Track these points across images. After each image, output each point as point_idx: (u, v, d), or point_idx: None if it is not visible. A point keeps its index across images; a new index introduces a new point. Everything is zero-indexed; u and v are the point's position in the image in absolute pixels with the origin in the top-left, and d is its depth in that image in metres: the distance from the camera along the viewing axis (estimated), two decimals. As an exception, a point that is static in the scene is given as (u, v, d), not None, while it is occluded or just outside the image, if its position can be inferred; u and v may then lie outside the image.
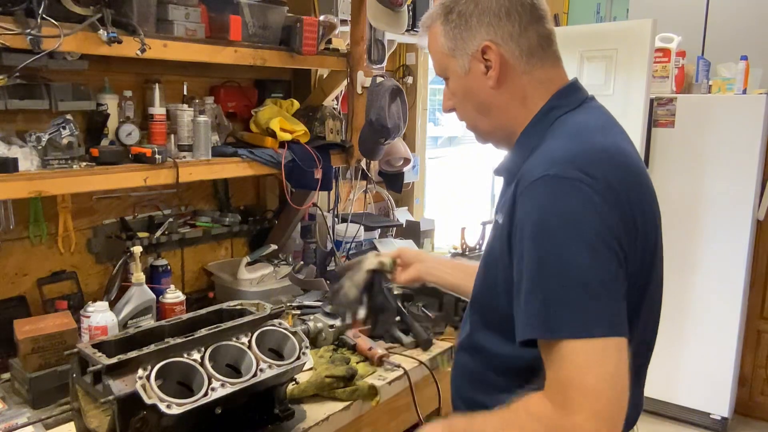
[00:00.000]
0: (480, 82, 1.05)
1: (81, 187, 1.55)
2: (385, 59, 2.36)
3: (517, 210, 0.94)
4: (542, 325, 0.89)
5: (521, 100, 1.05)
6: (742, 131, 3.12)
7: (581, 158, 0.92)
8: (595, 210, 0.88)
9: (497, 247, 1.01)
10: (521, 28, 1.02)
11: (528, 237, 0.91)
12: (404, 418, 1.76)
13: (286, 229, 2.33)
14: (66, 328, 1.46)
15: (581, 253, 0.87)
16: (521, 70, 1.03)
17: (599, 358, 0.85)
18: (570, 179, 0.89)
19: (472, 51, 1.04)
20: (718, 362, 3.29)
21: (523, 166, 0.97)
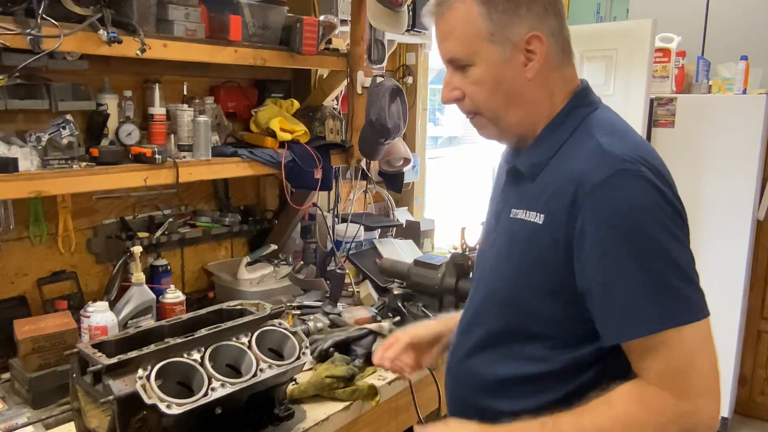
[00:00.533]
0: (517, 73, 1.01)
1: (81, 187, 1.54)
2: (385, 59, 2.36)
3: (584, 209, 0.92)
4: (648, 321, 0.89)
5: (549, 96, 1.03)
6: (742, 131, 3.11)
7: (640, 153, 0.95)
8: (668, 200, 0.92)
9: (539, 248, 0.98)
10: (560, 25, 1.02)
11: (616, 236, 0.90)
12: (404, 418, 1.76)
13: (286, 229, 2.33)
14: (66, 328, 1.46)
15: (671, 242, 0.90)
16: (554, 66, 1.02)
17: (706, 340, 0.91)
18: (642, 174, 0.91)
19: (517, 39, 0.99)
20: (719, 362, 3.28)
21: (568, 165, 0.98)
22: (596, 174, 0.92)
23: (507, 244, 1.06)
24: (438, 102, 3.94)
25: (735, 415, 3.48)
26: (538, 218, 0.99)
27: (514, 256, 1.03)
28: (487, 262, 1.13)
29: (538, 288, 0.99)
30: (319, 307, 2.01)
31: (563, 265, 0.95)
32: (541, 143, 1.04)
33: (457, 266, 1.87)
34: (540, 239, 0.98)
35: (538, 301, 1.00)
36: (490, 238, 1.14)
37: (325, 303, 2.04)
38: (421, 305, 1.95)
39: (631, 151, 0.95)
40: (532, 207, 1.01)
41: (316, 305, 2.03)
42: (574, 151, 0.99)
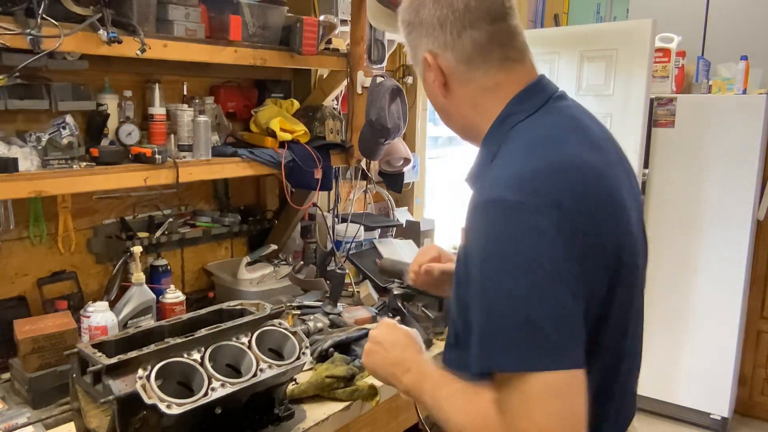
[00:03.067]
0: (434, 89, 1.03)
1: (81, 187, 1.54)
2: (385, 59, 2.36)
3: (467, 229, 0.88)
4: (489, 359, 0.83)
5: (472, 107, 1.01)
6: (742, 131, 3.12)
7: (529, 178, 0.85)
8: (541, 237, 0.81)
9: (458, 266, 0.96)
10: (454, 37, 0.97)
11: (474, 264, 0.85)
12: (404, 418, 1.77)
13: (286, 229, 2.33)
14: (66, 328, 1.46)
15: (525, 283, 0.80)
16: (463, 78, 0.99)
17: (554, 392, 0.79)
18: (515, 204, 0.82)
19: (419, 60, 1.02)
20: (718, 362, 3.29)
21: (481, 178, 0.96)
22: (478, 195, 0.88)
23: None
24: (438, 102, 3.94)
25: (735, 415, 3.48)
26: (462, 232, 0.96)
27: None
28: None
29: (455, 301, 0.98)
30: (319, 307, 2.01)
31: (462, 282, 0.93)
32: (480, 155, 1.01)
33: (457, 266, 1.86)
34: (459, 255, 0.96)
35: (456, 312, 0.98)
36: None
37: (325, 303, 2.04)
38: (421, 305, 1.95)
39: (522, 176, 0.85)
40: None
41: (316, 305, 2.03)
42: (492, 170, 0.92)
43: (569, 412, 0.79)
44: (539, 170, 0.86)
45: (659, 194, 3.35)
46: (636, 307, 0.98)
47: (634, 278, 0.95)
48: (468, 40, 0.96)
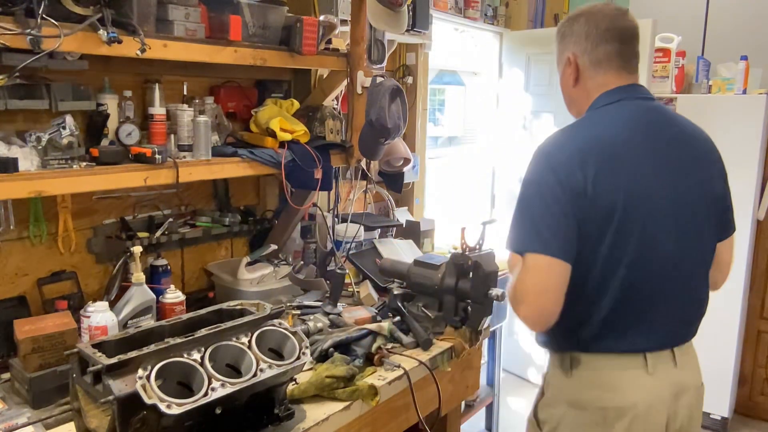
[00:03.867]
0: (568, 80, 1.47)
1: (81, 187, 1.55)
2: (385, 59, 2.36)
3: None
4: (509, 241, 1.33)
5: (587, 96, 1.44)
6: (742, 131, 3.11)
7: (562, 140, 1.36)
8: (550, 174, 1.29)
9: None
10: (593, 46, 1.41)
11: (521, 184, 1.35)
12: (404, 418, 1.77)
13: (286, 229, 2.33)
14: (66, 328, 1.46)
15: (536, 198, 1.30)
16: (589, 75, 1.44)
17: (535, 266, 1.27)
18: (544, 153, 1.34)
19: (564, 59, 1.47)
20: (718, 362, 3.29)
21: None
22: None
23: None
24: (438, 102, 3.94)
25: (735, 415, 3.48)
26: None
27: None
28: None
29: None
30: (319, 307, 2.01)
31: None
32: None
33: (457, 266, 1.86)
34: None
35: None
36: None
37: (325, 303, 2.04)
38: (421, 305, 1.95)
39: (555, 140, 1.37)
40: None
41: (316, 305, 2.03)
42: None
43: (545, 282, 1.27)
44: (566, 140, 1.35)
45: (659, 194, 3.34)
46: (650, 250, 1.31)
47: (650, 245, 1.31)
48: (602, 50, 1.42)
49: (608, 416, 1.32)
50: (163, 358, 1.16)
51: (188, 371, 1.18)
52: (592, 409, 1.33)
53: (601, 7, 1.45)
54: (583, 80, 1.44)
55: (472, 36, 3.70)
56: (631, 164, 1.30)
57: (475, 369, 2.17)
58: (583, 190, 1.25)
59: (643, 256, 1.30)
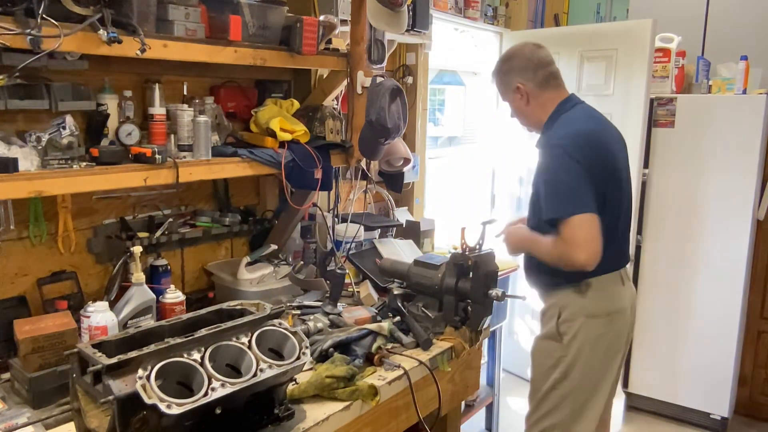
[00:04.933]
0: (521, 104, 1.99)
1: (81, 187, 1.54)
2: (385, 59, 2.36)
3: (538, 159, 1.87)
4: (555, 211, 1.78)
5: (540, 108, 1.97)
6: (742, 131, 3.11)
7: (564, 135, 1.85)
8: (570, 157, 1.78)
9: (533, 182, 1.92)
10: (533, 74, 1.94)
11: (543, 171, 1.85)
12: (404, 418, 1.77)
13: (286, 229, 2.33)
14: (66, 328, 1.46)
15: (566, 178, 1.78)
16: (536, 94, 1.96)
17: (579, 224, 1.74)
18: (560, 146, 1.82)
19: (512, 87, 1.97)
20: (718, 362, 3.29)
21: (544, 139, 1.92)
22: (546, 143, 1.89)
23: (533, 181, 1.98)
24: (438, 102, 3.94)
25: (735, 415, 3.48)
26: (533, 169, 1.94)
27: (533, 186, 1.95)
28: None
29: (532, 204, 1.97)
30: (319, 307, 2.01)
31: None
32: (542, 132, 1.98)
33: (457, 266, 1.86)
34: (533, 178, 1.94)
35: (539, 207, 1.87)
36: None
37: (325, 303, 2.04)
38: (421, 305, 1.95)
39: (561, 134, 1.86)
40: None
41: (316, 305, 2.03)
42: (550, 133, 1.92)
43: (590, 234, 1.74)
44: (569, 132, 1.86)
45: (659, 194, 3.35)
46: (625, 204, 1.96)
47: (619, 193, 1.92)
48: (541, 75, 1.94)
49: (612, 318, 1.91)
50: (163, 358, 1.16)
51: (188, 371, 1.18)
52: (602, 316, 1.90)
53: (521, 47, 1.98)
54: (534, 99, 1.95)
55: (472, 36, 3.70)
56: (607, 145, 1.89)
57: (475, 369, 2.17)
58: (589, 166, 1.78)
59: (621, 205, 1.92)
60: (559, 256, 1.79)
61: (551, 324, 1.96)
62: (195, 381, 1.17)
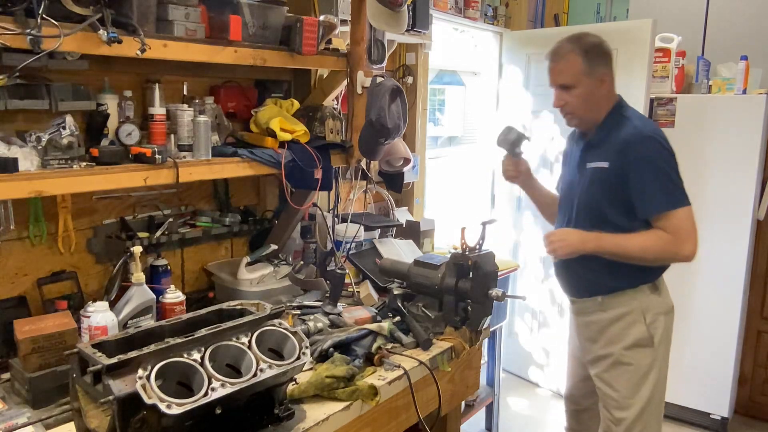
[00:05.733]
0: (599, 91, 1.92)
1: (81, 187, 1.54)
2: (385, 59, 2.36)
3: (631, 153, 1.84)
4: (664, 204, 1.81)
5: (606, 103, 1.95)
6: (742, 131, 3.12)
7: (654, 128, 1.91)
8: (666, 149, 1.85)
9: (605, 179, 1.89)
10: (611, 67, 1.94)
11: (648, 163, 1.82)
12: (404, 418, 1.77)
13: (286, 229, 2.33)
14: (66, 328, 1.46)
15: (668, 169, 1.83)
16: (611, 89, 1.95)
17: (688, 216, 1.81)
18: (655, 137, 1.86)
19: (599, 75, 1.90)
20: (718, 362, 3.28)
21: (620, 134, 1.88)
22: (637, 136, 1.86)
23: (589, 181, 1.94)
24: (438, 102, 3.94)
25: (735, 415, 3.48)
26: (604, 164, 1.89)
27: (594, 186, 1.92)
28: (575, 190, 2.00)
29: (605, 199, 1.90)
30: (319, 307, 2.02)
31: (617, 185, 1.87)
32: (601, 129, 1.95)
33: (457, 266, 1.86)
34: (606, 174, 1.89)
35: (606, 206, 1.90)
36: (573, 180, 2.03)
37: (325, 303, 2.04)
38: (421, 305, 1.95)
39: (651, 128, 1.90)
40: (600, 160, 1.91)
41: (316, 305, 2.03)
42: (620, 131, 1.89)
43: (694, 225, 1.81)
44: (653, 126, 1.95)
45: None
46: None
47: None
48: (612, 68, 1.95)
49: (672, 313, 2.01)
50: (163, 358, 1.16)
51: (188, 371, 1.18)
52: (671, 311, 2.00)
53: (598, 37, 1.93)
54: (608, 92, 1.94)
55: (472, 36, 3.70)
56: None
57: (475, 369, 2.17)
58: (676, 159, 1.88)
59: None
60: (662, 250, 1.81)
61: (638, 330, 1.94)
62: (195, 381, 1.17)
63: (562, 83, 1.92)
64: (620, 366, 1.96)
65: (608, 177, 1.88)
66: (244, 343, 1.28)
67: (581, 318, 2.06)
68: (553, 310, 3.71)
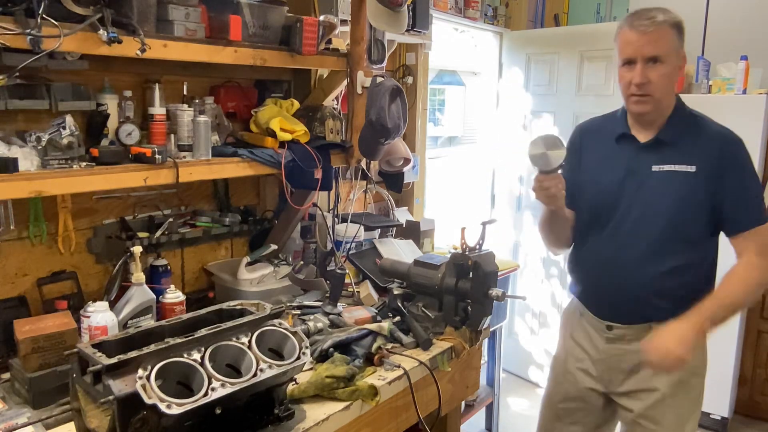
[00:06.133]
0: (677, 74, 1.66)
1: (81, 187, 1.54)
2: (385, 59, 2.36)
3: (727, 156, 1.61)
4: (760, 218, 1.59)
5: (674, 93, 1.69)
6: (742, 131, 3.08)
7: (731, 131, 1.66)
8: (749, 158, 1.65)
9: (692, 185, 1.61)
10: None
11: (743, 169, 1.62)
12: (404, 418, 1.77)
13: (286, 229, 2.33)
14: (66, 328, 1.46)
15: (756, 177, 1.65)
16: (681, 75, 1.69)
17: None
18: (741, 143, 1.64)
19: (683, 55, 1.65)
20: (718, 362, 3.27)
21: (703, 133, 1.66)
22: (730, 139, 1.64)
23: (660, 188, 1.65)
24: (438, 102, 3.94)
25: (735, 415, 3.48)
26: (690, 168, 1.62)
27: (669, 194, 1.63)
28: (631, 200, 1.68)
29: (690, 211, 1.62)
30: (319, 307, 2.01)
31: (707, 193, 1.60)
32: (673, 125, 1.68)
33: (457, 266, 1.86)
34: (694, 179, 1.61)
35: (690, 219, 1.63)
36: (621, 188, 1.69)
37: (325, 303, 2.04)
38: (421, 305, 1.95)
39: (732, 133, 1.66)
40: (681, 162, 1.64)
41: (316, 305, 2.03)
42: (701, 129, 1.67)
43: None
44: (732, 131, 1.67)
45: (659, 194, 3.34)
46: None
47: None
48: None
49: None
50: (163, 358, 1.16)
51: (188, 371, 1.18)
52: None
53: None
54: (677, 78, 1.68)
55: (472, 36, 3.70)
56: None
57: (475, 369, 2.17)
58: None
59: None
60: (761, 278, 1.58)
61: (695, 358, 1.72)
62: (195, 381, 1.17)
63: (653, 54, 1.58)
64: (671, 399, 1.72)
65: (697, 183, 1.60)
66: (244, 343, 1.28)
67: (618, 346, 1.73)
68: (553, 310, 3.71)
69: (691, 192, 1.61)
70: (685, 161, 1.62)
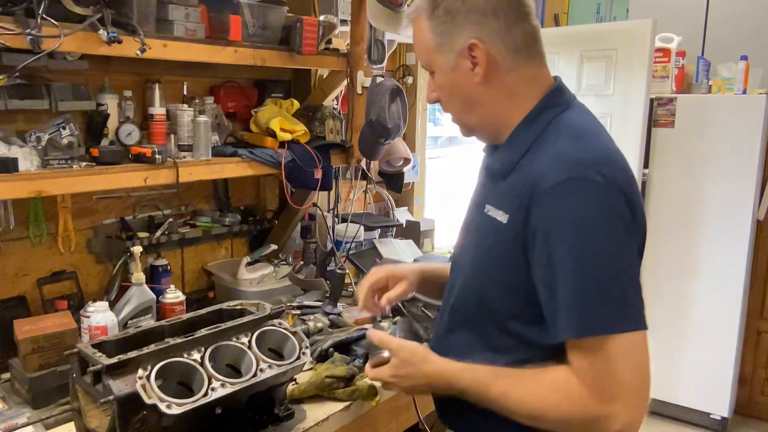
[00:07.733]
0: (466, 78, 1.04)
1: (81, 187, 1.54)
2: (385, 59, 2.36)
3: (535, 211, 0.95)
4: (584, 324, 0.92)
5: (508, 96, 1.05)
6: (742, 131, 3.12)
7: (594, 161, 0.94)
8: (619, 213, 0.93)
9: (503, 245, 1.01)
10: (507, 26, 1.01)
11: (561, 239, 0.92)
12: (404, 418, 1.76)
13: (286, 229, 2.33)
14: (66, 328, 1.46)
15: (614, 253, 0.92)
16: (507, 67, 1.03)
17: (634, 351, 0.91)
18: (593, 182, 0.91)
19: (459, 48, 1.03)
20: (718, 362, 3.28)
21: (530, 167, 0.99)
22: (550, 178, 0.94)
23: (477, 238, 1.12)
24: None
25: (735, 415, 3.48)
26: (503, 217, 1.02)
27: (481, 249, 1.09)
28: (465, 251, 1.17)
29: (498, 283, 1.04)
30: (319, 307, 2.01)
31: (521, 262, 0.99)
32: (511, 143, 1.06)
33: (457, 266, 1.86)
34: (504, 237, 1.01)
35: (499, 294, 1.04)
36: (470, 228, 1.18)
37: (325, 303, 2.04)
38: (421, 305, 1.95)
39: (588, 159, 0.95)
40: (501, 205, 1.03)
41: (316, 305, 2.03)
42: (539, 154, 1.00)
43: (644, 366, 0.92)
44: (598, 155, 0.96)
45: (659, 194, 3.35)
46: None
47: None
48: (520, 31, 1.01)
49: None
50: (163, 358, 1.16)
51: (188, 371, 1.18)
52: None
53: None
54: (499, 75, 1.03)
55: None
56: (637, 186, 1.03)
57: (475, 369, 2.16)
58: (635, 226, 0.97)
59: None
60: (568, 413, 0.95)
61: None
62: (195, 381, 1.17)
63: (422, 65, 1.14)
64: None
65: (505, 240, 1.00)
66: (244, 343, 1.28)
67: None
68: (553, 310, 3.70)
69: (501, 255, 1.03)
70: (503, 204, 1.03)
